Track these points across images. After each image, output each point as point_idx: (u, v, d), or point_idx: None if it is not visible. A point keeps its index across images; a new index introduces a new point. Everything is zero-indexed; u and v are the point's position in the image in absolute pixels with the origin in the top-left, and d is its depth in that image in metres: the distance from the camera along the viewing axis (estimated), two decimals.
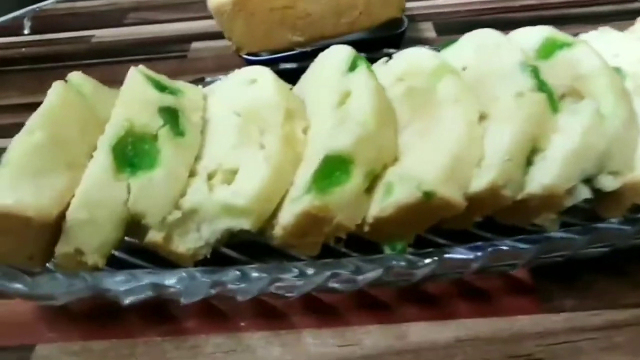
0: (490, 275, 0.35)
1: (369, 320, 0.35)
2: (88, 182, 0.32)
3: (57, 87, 0.36)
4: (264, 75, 0.40)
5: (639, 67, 0.38)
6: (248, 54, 0.52)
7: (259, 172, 0.34)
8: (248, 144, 0.36)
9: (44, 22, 0.75)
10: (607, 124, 0.32)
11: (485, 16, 0.65)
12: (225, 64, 0.62)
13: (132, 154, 0.33)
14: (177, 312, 0.36)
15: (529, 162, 0.33)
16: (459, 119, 0.34)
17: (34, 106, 0.59)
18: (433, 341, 0.33)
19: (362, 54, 0.40)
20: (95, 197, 0.32)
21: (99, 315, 0.36)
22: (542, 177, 0.32)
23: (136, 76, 0.37)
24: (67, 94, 0.36)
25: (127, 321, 0.36)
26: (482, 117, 0.35)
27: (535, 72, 0.34)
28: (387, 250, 0.34)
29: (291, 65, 0.49)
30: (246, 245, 0.37)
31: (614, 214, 0.34)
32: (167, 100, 0.37)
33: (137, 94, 0.36)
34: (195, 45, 0.67)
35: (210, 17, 0.71)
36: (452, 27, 0.64)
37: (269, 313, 0.36)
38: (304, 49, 0.50)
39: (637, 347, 0.32)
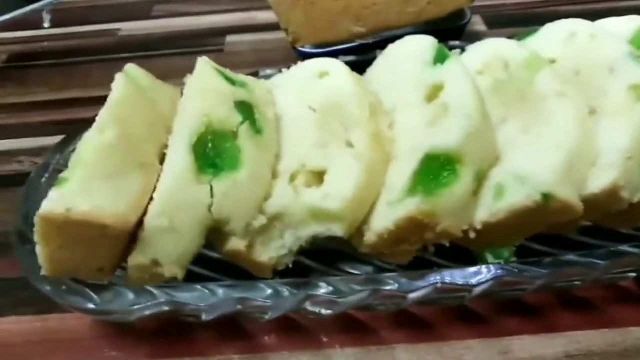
0: (600, 284, 0.33)
1: (468, 334, 0.32)
2: (168, 185, 0.29)
3: (120, 80, 0.32)
4: (336, 67, 0.37)
5: None
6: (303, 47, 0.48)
7: (351, 173, 0.30)
8: (332, 142, 0.32)
9: (65, 16, 0.71)
10: None
11: (536, 9, 0.63)
12: (266, 58, 0.59)
13: (213, 153, 0.30)
14: (252, 327, 0.33)
15: None
16: (569, 115, 0.31)
17: (62, 103, 0.57)
18: (541, 356, 0.31)
19: None
20: (177, 202, 0.28)
21: (167, 331, 0.33)
22: None
23: (206, 68, 0.33)
24: (131, 87, 0.32)
25: (199, 337, 0.33)
26: (590, 112, 0.32)
27: None
28: (490, 259, 0.31)
29: (351, 58, 0.45)
30: (316, 253, 0.34)
31: None
32: (240, 94, 0.33)
33: (210, 87, 0.32)
34: (231, 38, 0.63)
35: (243, 9, 0.69)
36: (503, 21, 0.61)
37: (355, 327, 0.33)
38: (364, 41, 0.47)
39: None
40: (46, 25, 0.69)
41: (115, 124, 0.29)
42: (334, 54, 0.47)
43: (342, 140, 0.32)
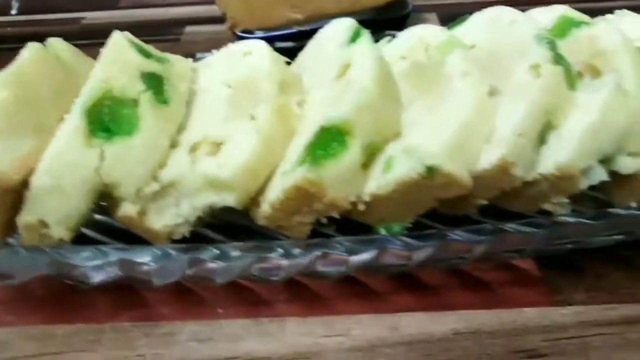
0: (494, 263, 0.33)
1: (360, 309, 0.32)
2: (56, 146, 0.29)
3: (31, 47, 0.33)
4: (258, 48, 0.37)
5: None
6: (243, 32, 0.49)
7: (247, 144, 0.31)
8: (238, 116, 0.33)
9: (33, 3, 0.72)
10: (629, 101, 0.30)
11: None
12: (218, 46, 0.60)
13: (108, 118, 0.30)
14: (148, 296, 0.33)
15: (542, 141, 0.30)
16: (466, 92, 0.31)
17: None
18: (429, 332, 0.30)
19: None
20: (64, 162, 0.29)
21: (63, 298, 0.33)
22: (556, 156, 0.30)
23: (119, 39, 0.34)
24: (41, 55, 0.33)
25: (94, 305, 0.33)
26: (495, 93, 0.32)
27: (552, 44, 0.32)
28: (382, 232, 0.31)
29: (288, 44, 0.46)
30: (227, 228, 0.34)
31: (629, 200, 0.31)
32: (152, 66, 0.34)
33: (118, 57, 0.33)
34: (189, 29, 0.64)
35: (204, 2, 0.70)
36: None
37: (250, 299, 0.33)
38: (301, 28, 0.47)
39: None
40: (13, 12, 0.70)
41: (11, 86, 0.30)
42: (271, 40, 0.48)
43: (247, 115, 0.33)
